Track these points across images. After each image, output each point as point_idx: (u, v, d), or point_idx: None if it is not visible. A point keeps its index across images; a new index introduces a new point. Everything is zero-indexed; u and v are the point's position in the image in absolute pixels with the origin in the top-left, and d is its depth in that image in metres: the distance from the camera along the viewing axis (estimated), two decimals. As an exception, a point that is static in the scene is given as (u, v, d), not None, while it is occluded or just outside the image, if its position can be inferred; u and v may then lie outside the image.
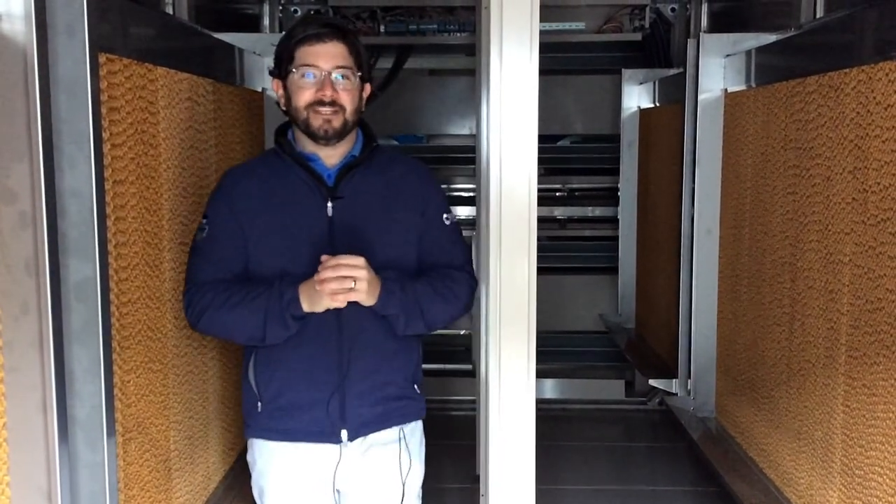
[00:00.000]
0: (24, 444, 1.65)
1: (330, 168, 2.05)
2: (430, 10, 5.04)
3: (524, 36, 1.88)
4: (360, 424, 2.05)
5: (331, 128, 1.98)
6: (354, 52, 2.01)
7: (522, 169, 1.89)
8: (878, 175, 2.17)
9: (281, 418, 2.04)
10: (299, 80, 1.99)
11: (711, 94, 3.50)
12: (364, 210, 2.03)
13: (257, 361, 2.06)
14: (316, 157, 2.04)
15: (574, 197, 5.55)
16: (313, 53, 1.97)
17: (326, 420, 2.02)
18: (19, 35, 1.57)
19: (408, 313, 1.99)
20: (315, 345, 2.00)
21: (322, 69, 1.97)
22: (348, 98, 1.99)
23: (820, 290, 2.54)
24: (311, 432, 2.04)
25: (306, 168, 2.02)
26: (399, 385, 2.10)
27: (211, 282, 1.99)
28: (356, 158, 2.06)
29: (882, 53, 2.17)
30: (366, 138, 2.11)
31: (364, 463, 2.08)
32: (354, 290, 1.88)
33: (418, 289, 2.01)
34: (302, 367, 2.01)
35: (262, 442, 2.09)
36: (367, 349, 2.03)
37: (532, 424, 2.08)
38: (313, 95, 1.97)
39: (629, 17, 5.07)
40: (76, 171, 1.72)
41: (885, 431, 2.14)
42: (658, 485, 3.64)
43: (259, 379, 2.05)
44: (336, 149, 2.04)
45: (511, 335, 1.97)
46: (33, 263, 1.62)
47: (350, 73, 1.99)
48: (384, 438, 2.09)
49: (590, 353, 5.42)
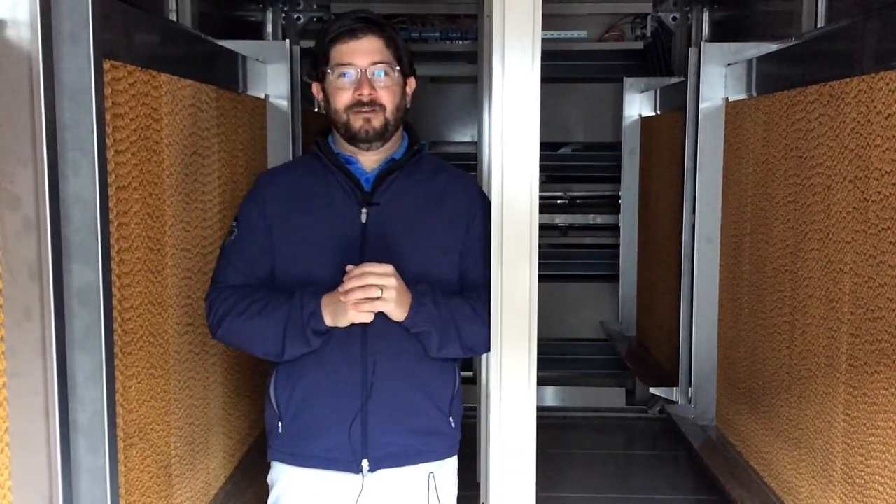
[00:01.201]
0: (26, 448, 1.65)
1: (368, 172, 1.90)
2: (433, 18, 5.07)
3: (526, 44, 1.88)
4: (383, 455, 1.87)
5: (371, 128, 1.83)
6: (392, 46, 1.86)
7: (524, 176, 1.89)
8: (879, 184, 2.17)
9: (300, 442, 1.89)
10: (336, 81, 1.84)
11: (712, 103, 3.51)
12: (400, 219, 1.88)
13: (278, 378, 1.90)
14: (354, 159, 1.90)
15: (575, 205, 5.56)
16: (348, 51, 1.83)
17: (347, 446, 1.85)
18: (25, 42, 1.58)
19: (442, 332, 1.82)
20: (337, 362, 1.84)
21: (358, 67, 1.82)
22: (388, 96, 1.84)
23: (820, 298, 2.55)
24: (330, 459, 1.87)
25: (343, 171, 1.88)
26: (430, 416, 1.91)
27: (234, 286, 1.87)
28: (396, 162, 1.91)
29: (882, 63, 2.18)
30: (410, 141, 1.96)
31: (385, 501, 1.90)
32: (382, 298, 1.73)
33: (455, 306, 1.84)
34: (323, 386, 1.85)
35: (282, 466, 1.94)
36: (394, 370, 1.86)
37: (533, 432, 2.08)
38: (351, 96, 1.83)
39: (631, 26, 5.10)
40: (80, 176, 1.73)
41: (885, 440, 2.14)
42: (658, 493, 3.63)
43: (279, 397, 1.90)
44: (377, 152, 1.89)
45: (512, 342, 1.97)
46: (37, 269, 1.63)
47: (389, 69, 1.85)
48: (411, 478, 1.91)
49: (590, 360, 5.42)
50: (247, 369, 3.14)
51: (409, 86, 1.93)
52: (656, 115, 4.78)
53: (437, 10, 5.01)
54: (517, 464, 2.06)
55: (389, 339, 1.84)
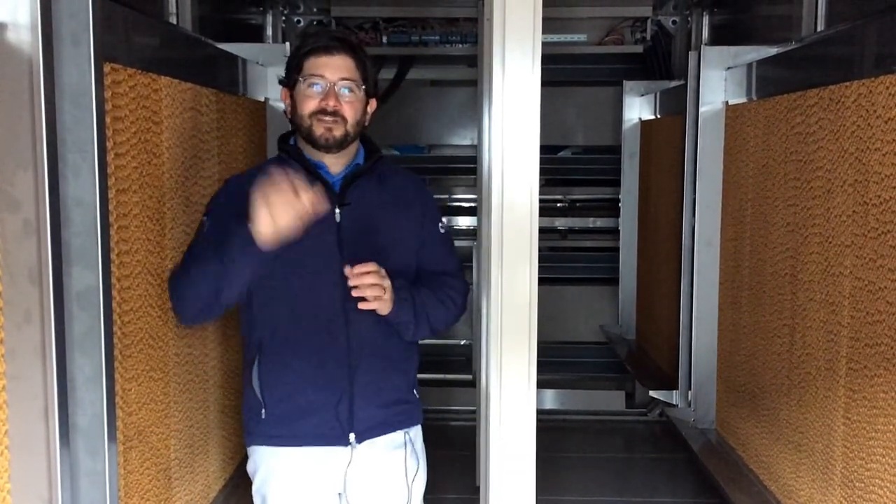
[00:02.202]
0: (26, 451, 1.65)
1: (335, 176, 2.10)
2: (433, 22, 5.07)
3: (526, 47, 1.88)
4: (367, 427, 2.09)
5: (332, 136, 2.02)
6: (361, 66, 2.05)
7: (524, 180, 1.89)
8: (879, 188, 2.17)
9: (288, 423, 2.07)
10: (306, 90, 2.03)
11: (712, 107, 3.52)
12: (370, 217, 2.08)
13: (262, 368, 2.08)
14: (322, 164, 2.09)
15: (575, 208, 5.56)
16: (321, 65, 2.02)
17: (336, 423, 2.06)
18: (25, 44, 1.58)
19: (417, 321, 2.07)
20: (322, 348, 2.05)
21: (328, 80, 2.02)
22: (351, 110, 2.03)
23: (820, 302, 2.55)
24: (319, 435, 2.07)
25: (314, 175, 2.05)
26: (402, 389, 2.17)
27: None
28: (360, 167, 2.11)
29: (882, 67, 2.18)
30: (368, 149, 2.16)
31: (372, 466, 2.12)
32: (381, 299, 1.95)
33: (424, 296, 2.08)
34: (309, 371, 2.05)
35: (265, 448, 2.11)
36: (374, 353, 2.08)
37: (532, 435, 2.08)
38: (317, 104, 2.02)
39: (631, 30, 5.09)
40: (80, 179, 1.73)
41: (885, 444, 2.14)
42: (658, 496, 3.63)
43: (264, 385, 2.08)
44: (340, 158, 2.09)
45: (512, 345, 1.98)
46: (36, 272, 1.62)
47: (355, 86, 2.05)
48: (391, 442, 2.14)
49: (590, 363, 5.42)
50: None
51: (370, 105, 2.12)
52: (656, 118, 4.78)
53: (437, 13, 5.01)
54: (517, 467, 2.06)
55: (367, 324, 2.05)
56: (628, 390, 4.89)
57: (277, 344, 2.07)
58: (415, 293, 2.07)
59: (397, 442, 2.16)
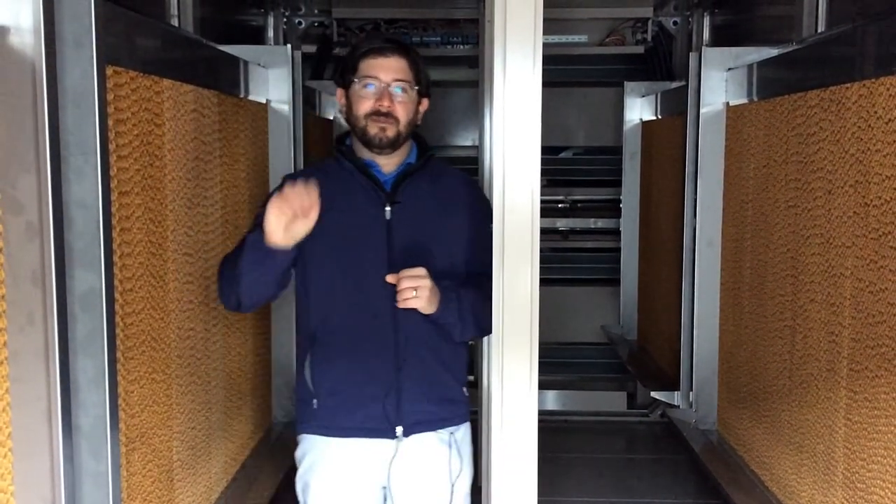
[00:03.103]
0: (29, 453, 1.66)
1: (387, 174, 2.15)
2: (434, 23, 5.07)
3: (527, 49, 1.88)
4: (414, 422, 2.14)
5: (385, 136, 2.08)
6: (414, 68, 2.12)
7: (525, 181, 1.90)
8: (880, 189, 2.18)
9: (337, 415, 2.12)
10: (360, 91, 2.09)
11: (713, 108, 3.52)
12: (420, 215, 2.14)
13: (314, 359, 2.14)
14: (374, 163, 2.14)
15: (576, 208, 5.56)
16: (375, 66, 2.08)
17: (382, 416, 2.11)
18: (28, 47, 1.59)
19: (463, 322, 2.11)
20: (372, 342, 2.10)
21: (382, 81, 2.08)
22: (403, 110, 2.09)
23: (821, 303, 2.55)
24: (366, 428, 2.12)
25: (366, 173, 2.12)
26: (450, 386, 2.21)
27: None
28: (412, 166, 2.17)
29: (883, 68, 2.18)
30: (420, 148, 2.22)
31: (416, 461, 2.16)
32: (416, 297, 1.99)
33: (472, 297, 2.10)
34: (358, 365, 2.10)
35: (314, 437, 2.17)
36: (421, 349, 2.13)
37: (534, 436, 2.09)
38: (371, 105, 2.07)
39: (631, 31, 5.10)
40: (83, 182, 1.73)
41: (887, 445, 2.14)
42: (659, 497, 3.63)
43: (315, 376, 2.13)
44: (392, 157, 2.15)
45: (513, 346, 1.98)
46: (39, 274, 1.63)
47: (408, 87, 2.10)
48: (436, 440, 2.19)
49: (591, 364, 5.42)
50: (249, 373, 3.15)
51: (422, 105, 2.18)
52: (657, 119, 4.78)
53: (438, 14, 5.01)
54: (518, 467, 2.06)
55: (416, 321, 2.08)
56: (629, 391, 4.89)
57: (329, 337, 2.13)
58: (462, 294, 2.09)
59: (443, 440, 2.19)
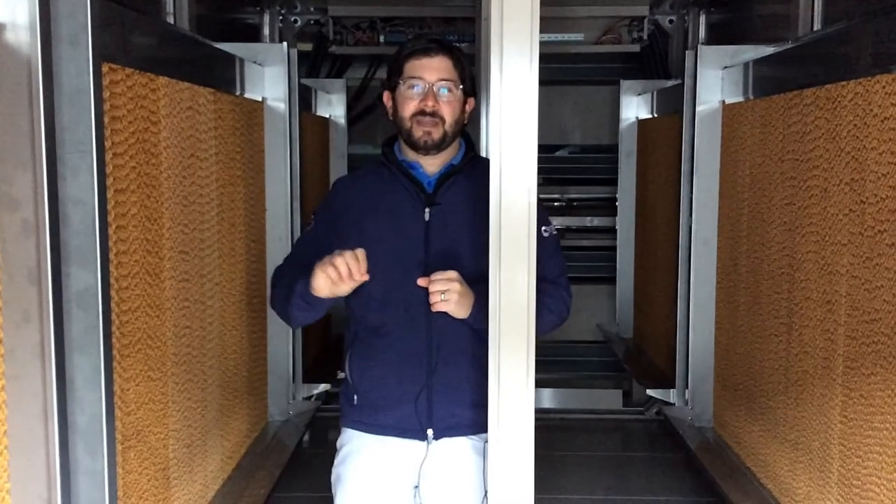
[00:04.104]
0: (25, 451, 1.66)
1: (430, 176, 2.14)
2: (430, 21, 5.07)
3: (524, 47, 1.88)
4: (446, 426, 2.12)
5: (430, 139, 2.07)
6: (459, 68, 2.11)
7: (522, 179, 1.89)
8: (875, 186, 2.18)
9: (374, 412, 2.13)
10: (406, 91, 2.09)
11: (709, 106, 3.52)
12: (459, 217, 2.11)
13: (353, 357, 2.15)
14: (417, 165, 2.14)
15: (572, 207, 5.56)
16: (420, 66, 2.08)
17: (414, 417, 2.11)
18: (24, 45, 1.59)
19: None
20: (405, 344, 2.10)
21: (427, 81, 2.07)
22: (449, 110, 2.08)
23: (817, 300, 2.55)
24: (400, 428, 2.12)
25: (407, 175, 2.12)
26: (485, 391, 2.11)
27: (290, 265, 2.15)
28: (455, 167, 2.15)
29: (879, 66, 2.19)
30: (467, 148, 2.20)
31: (447, 465, 2.14)
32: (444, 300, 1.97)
33: None
34: (392, 364, 2.10)
35: (353, 431, 2.18)
36: (455, 352, 2.11)
37: (531, 435, 2.08)
38: (417, 106, 2.07)
39: (628, 29, 5.10)
40: (79, 179, 1.73)
41: (882, 441, 2.15)
42: (655, 495, 3.64)
43: (354, 374, 2.15)
44: (437, 158, 2.13)
45: (510, 345, 1.97)
46: (35, 272, 1.63)
47: (453, 86, 2.09)
48: (469, 446, 2.16)
49: (588, 362, 5.42)
50: (244, 372, 3.14)
51: (468, 104, 2.15)
52: (653, 117, 4.78)
53: (434, 12, 5.01)
54: (515, 465, 2.06)
55: (451, 325, 2.06)
56: (625, 389, 4.89)
57: (368, 335, 2.14)
58: None
59: (476, 447, 2.15)
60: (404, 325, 2.10)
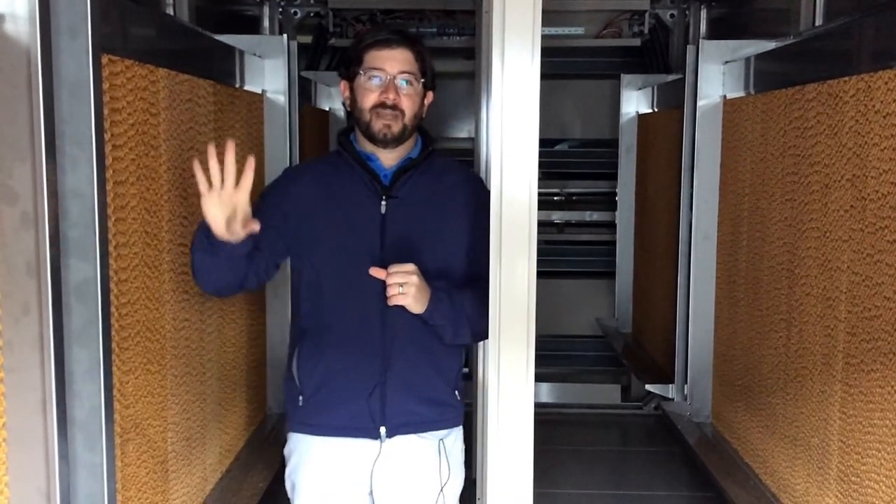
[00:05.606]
0: (24, 444, 1.65)
1: (387, 168, 2.10)
2: (430, 14, 5.06)
3: (526, 40, 1.87)
4: (399, 423, 2.07)
5: (390, 132, 2.04)
6: (420, 60, 2.08)
7: (523, 173, 1.89)
8: (877, 183, 2.18)
9: (320, 413, 2.07)
10: (365, 83, 2.05)
11: (710, 101, 3.52)
12: (416, 211, 2.08)
13: (300, 355, 2.09)
14: (374, 157, 2.10)
15: (572, 201, 5.56)
16: (380, 58, 2.04)
17: (367, 415, 2.05)
18: (23, 36, 1.58)
19: (455, 324, 2.03)
20: (358, 339, 2.05)
21: (388, 73, 2.03)
22: (409, 103, 2.05)
23: (817, 296, 2.55)
24: (349, 427, 2.06)
25: (364, 166, 2.08)
26: (440, 389, 2.12)
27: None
28: (412, 161, 2.11)
29: (881, 62, 2.18)
30: (424, 143, 2.16)
31: (401, 464, 2.10)
32: (402, 293, 1.93)
33: (467, 299, 2.03)
34: (344, 361, 2.05)
35: (300, 436, 2.12)
36: (410, 347, 2.06)
37: (530, 429, 2.09)
38: (377, 98, 2.03)
39: (628, 23, 5.09)
40: (78, 171, 1.72)
41: (881, 438, 2.15)
42: (654, 490, 3.64)
43: (301, 372, 2.09)
44: (394, 151, 2.09)
45: (510, 339, 1.97)
46: (34, 264, 1.62)
47: (413, 79, 2.06)
48: (423, 444, 2.11)
49: (586, 357, 5.42)
50: (243, 365, 3.14)
51: (427, 98, 2.13)
52: (654, 112, 4.78)
53: (434, 5, 4.99)
54: (514, 460, 2.06)
55: (406, 320, 2.02)
56: (624, 384, 4.89)
57: (316, 331, 2.09)
58: (455, 296, 2.02)
59: (431, 445, 2.12)
60: (358, 319, 2.04)
